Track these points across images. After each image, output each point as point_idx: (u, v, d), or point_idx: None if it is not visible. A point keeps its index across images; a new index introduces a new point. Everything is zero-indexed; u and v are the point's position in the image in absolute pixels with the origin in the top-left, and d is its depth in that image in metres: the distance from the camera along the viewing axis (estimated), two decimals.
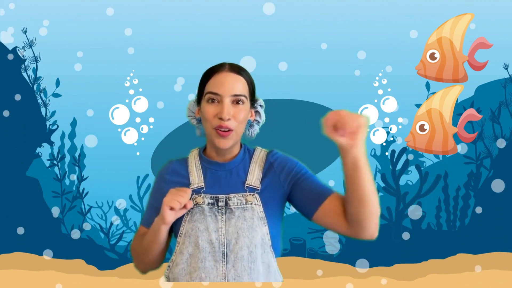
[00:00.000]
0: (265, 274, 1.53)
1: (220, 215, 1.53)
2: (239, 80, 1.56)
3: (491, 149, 4.03)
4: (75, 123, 4.16)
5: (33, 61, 4.11)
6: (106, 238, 4.12)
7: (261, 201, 1.55)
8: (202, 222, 1.53)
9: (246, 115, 1.57)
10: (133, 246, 1.69)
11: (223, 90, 1.53)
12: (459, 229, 4.06)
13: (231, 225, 1.52)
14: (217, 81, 1.55)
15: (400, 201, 4.04)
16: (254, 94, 1.61)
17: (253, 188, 1.56)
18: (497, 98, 4.03)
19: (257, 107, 1.64)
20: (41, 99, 4.14)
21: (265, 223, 1.53)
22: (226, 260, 1.50)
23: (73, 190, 4.16)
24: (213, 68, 1.58)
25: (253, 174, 1.59)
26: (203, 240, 1.51)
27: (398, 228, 4.04)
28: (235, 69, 1.57)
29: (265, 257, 1.53)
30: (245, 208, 1.53)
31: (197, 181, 1.59)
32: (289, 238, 4.00)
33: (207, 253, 1.51)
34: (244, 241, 1.50)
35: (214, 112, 1.53)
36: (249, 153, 1.64)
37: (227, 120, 1.52)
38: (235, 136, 1.56)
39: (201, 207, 1.54)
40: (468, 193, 4.07)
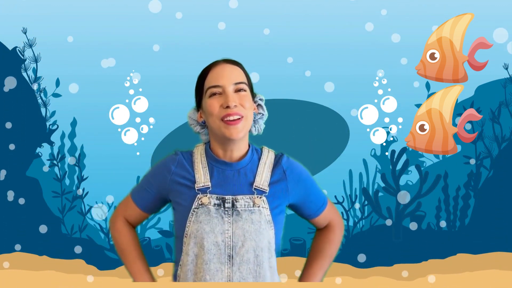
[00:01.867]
0: (271, 278, 1.53)
1: (227, 216, 1.50)
2: (236, 70, 1.54)
3: (491, 149, 4.03)
4: (75, 123, 4.16)
5: (33, 61, 4.11)
6: (106, 238, 4.12)
7: (268, 205, 1.53)
8: (208, 223, 1.50)
9: (251, 103, 1.53)
10: (115, 226, 1.67)
11: (224, 81, 1.51)
12: (459, 229, 4.06)
13: (238, 228, 1.49)
14: (215, 74, 1.52)
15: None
16: (252, 86, 1.59)
17: (261, 191, 1.54)
18: (497, 98, 4.03)
19: (257, 101, 1.60)
20: (41, 99, 4.13)
21: (272, 227, 1.52)
22: (231, 262, 1.49)
23: (73, 190, 4.16)
24: (208, 66, 1.57)
25: (262, 176, 1.55)
26: (208, 242, 1.49)
27: (398, 228, 4.04)
28: (230, 61, 1.56)
29: (272, 261, 1.54)
30: (252, 211, 1.51)
31: (203, 179, 1.54)
32: (289, 238, 4.00)
33: (212, 255, 1.49)
34: (251, 244, 1.49)
35: (219, 103, 1.50)
36: (257, 153, 1.60)
37: (233, 107, 1.48)
38: (246, 124, 1.51)
39: (207, 208, 1.51)
40: (468, 193, 4.07)
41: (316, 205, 1.65)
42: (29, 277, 3.78)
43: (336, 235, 1.72)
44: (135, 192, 1.66)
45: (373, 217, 4.08)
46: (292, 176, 1.58)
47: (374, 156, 4.10)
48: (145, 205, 1.63)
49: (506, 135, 4.02)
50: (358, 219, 4.11)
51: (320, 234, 1.72)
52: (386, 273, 3.86)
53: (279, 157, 1.60)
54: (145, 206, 1.64)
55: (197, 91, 1.58)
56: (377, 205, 4.05)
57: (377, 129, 4.03)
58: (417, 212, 4.02)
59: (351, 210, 4.12)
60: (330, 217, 1.70)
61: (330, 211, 1.69)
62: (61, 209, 4.15)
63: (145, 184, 1.63)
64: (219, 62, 1.56)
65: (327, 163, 4.08)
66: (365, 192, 4.09)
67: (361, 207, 4.11)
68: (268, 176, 1.55)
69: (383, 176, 4.03)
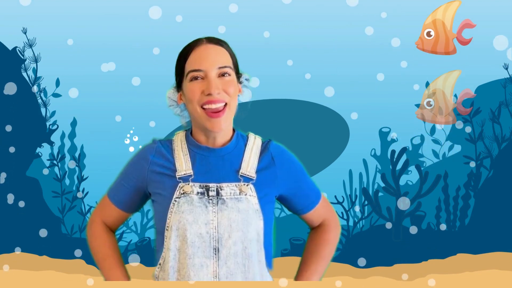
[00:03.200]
0: (261, 273, 1.41)
1: (211, 206, 1.38)
2: (221, 51, 1.41)
3: (491, 149, 4.03)
4: (75, 123, 4.16)
5: (33, 61, 4.12)
6: None
7: (256, 193, 1.41)
8: (190, 213, 1.36)
9: (235, 88, 1.41)
10: (91, 231, 1.55)
11: (206, 64, 1.38)
12: (459, 229, 4.06)
13: (224, 217, 1.36)
14: (197, 57, 1.39)
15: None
16: (238, 66, 1.46)
17: (248, 178, 1.41)
18: (497, 98, 4.03)
19: (243, 81, 1.47)
20: (41, 99, 4.14)
21: (261, 217, 1.40)
22: (217, 256, 1.36)
23: (73, 190, 4.16)
24: (189, 44, 1.43)
25: (248, 162, 1.43)
26: (191, 234, 1.36)
27: (398, 228, 4.04)
28: (214, 40, 1.43)
29: (261, 255, 1.41)
30: (239, 199, 1.38)
31: (184, 167, 1.41)
32: (289, 238, 4.00)
33: (196, 248, 1.35)
34: (238, 236, 1.36)
35: (200, 89, 1.38)
36: (243, 139, 1.47)
37: (217, 94, 1.36)
38: (229, 113, 1.40)
39: (190, 197, 1.38)
40: (468, 193, 4.07)
41: (308, 198, 1.52)
42: (29, 278, 3.78)
43: (332, 235, 1.56)
44: (111, 191, 1.52)
45: (373, 217, 4.08)
46: (281, 162, 1.46)
47: (374, 156, 4.11)
48: (124, 203, 1.50)
49: (506, 135, 4.02)
50: (358, 219, 4.11)
51: (315, 234, 1.57)
52: (386, 273, 3.86)
53: (266, 142, 1.48)
54: (124, 204, 1.50)
55: (177, 71, 1.45)
56: (377, 205, 4.05)
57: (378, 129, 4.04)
58: (417, 212, 4.02)
59: (351, 210, 4.12)
60: (324, 215, 1.56)
61: (325, 207, 1.56)
62: (61, 209, 4.15)
63: (122, 180, 1.49)
64: (202, 41, 1.42)
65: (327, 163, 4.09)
66: (365, 192, 4.09)
67: (361, 207, 4.11)
68: (255, 163, 1.43)
69: (383, 176, 4.03)
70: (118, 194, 1.50)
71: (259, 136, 1.51)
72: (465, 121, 3.98)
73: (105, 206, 1.53)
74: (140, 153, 1.48)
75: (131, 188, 1.48)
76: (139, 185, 1.46)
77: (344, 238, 4.09)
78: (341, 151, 4.13)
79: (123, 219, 1.55)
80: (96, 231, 1.54)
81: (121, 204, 1.50)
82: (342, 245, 4.07)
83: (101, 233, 1.54)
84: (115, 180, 1.53)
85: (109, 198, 1.52)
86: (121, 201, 1.50)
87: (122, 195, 1.49)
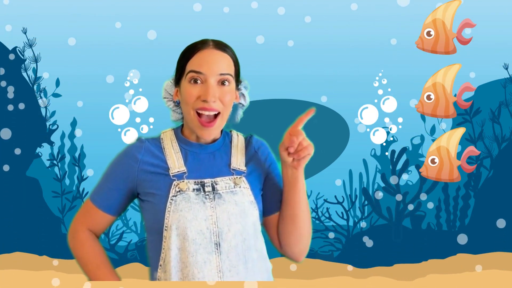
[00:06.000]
0: (260, 261, 1.43)
1: (209, 201, 1.39)
2: (224, 58, 1.42)
3: (491, 149, 4.03)
4: (75, 123, 4.16)
5: (33, 61, 4.12)
6: (106, 238, 4.12)
7: (249, 185, 1.44)
8: (189, 210, 1.36)
9: (232, 97, 1.43)
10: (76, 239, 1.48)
11: (208, 69, 1.39)
12: (459, 229, 4.06)
13: (222, 211, 1.38)
14: (200, 59, 1.40)
15: (400, 201, 4.04)
16: (239, 73, 1.47)
17: (240, 171, 1.45)
18: (497, 98, 4.03)
19: (241, 88, 1.49)
20: (41, 99, 4.14)
21: (256, 208, 1.42)
22: (219, 250, 1.36)
23: (73, 190, 4.16)
24: (196, 44, 1.43)
25: (237, 156, 1.47)
26: (192, 231, 1.36)
27: (398, 228, 4.04)
28: (220, 46, 1.43)
29: (258, 244, 1.43)
30: (234, 192, 1.41)
31: (177, 165, 1.42)
32: None
33: (197, 245, 1.36)
34: (237, 228, 1.38)
35: (197, 93, 1.39)
36: (228, 136, 1.51)
37: (212, 102, 1.38)
38: (221, 122, 1.42)
39: (186, 194, 1.38)
40: (468, 193, 4.07)
41: (275, 200, 1.49)
42: (29, 277, 3.78)
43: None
44: (94, 195, 1.48)
45: (373, 217, 4.08)
46: (261, 152, 1.50)
47: (374, 156, 4.10)
48: (110, 207, 1.46)
49: (506, 135, 4.02)
50: (358, 219, 4.11)
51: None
52: (386, 273, 3.87)
53: (249, 137, 1.52)
54: (110, 208, 1.46)
55: (178, 67, 1.46)
56: (377, 205, 4.05)
57: (377, 129, 4.04)
58: (417, 212, 4.02)
59: (351, 210, 4.12)
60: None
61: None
62: (61, 209, 4.15)
63: (107, 182, 1.46)
64: (208, 44, 1.42)
65: (327, 163, 4.08)
66: (365, 192, 4.09)
67: (361, 207, 4.11)
68: (242, 158, 1.47)
69: (383, 176, 4.03)
70: (103, 198, 1.46)
71: (240, 133, 1.54)
72: (465, 121, 3.98)
73: (89, 212, 1.48)
74: (126, 153, 1.46)
75: (119, 190, 1.45)
76: (127, 186, 1.44)
77: (344, 238, 4.09)
78: (341, 151, 4.13)
79: (109, 223, 1.50)
80: (82, 239, 1.49)
81: (107, 208, 1.46)
82: (342, 245, 4.07)
83: (89, 241, 1.49)
84: (97, 183, 1.48)
85: (93, 203, 1.47)
86: (107, 205, 1.46)
87: (108, 199, 1.45)
